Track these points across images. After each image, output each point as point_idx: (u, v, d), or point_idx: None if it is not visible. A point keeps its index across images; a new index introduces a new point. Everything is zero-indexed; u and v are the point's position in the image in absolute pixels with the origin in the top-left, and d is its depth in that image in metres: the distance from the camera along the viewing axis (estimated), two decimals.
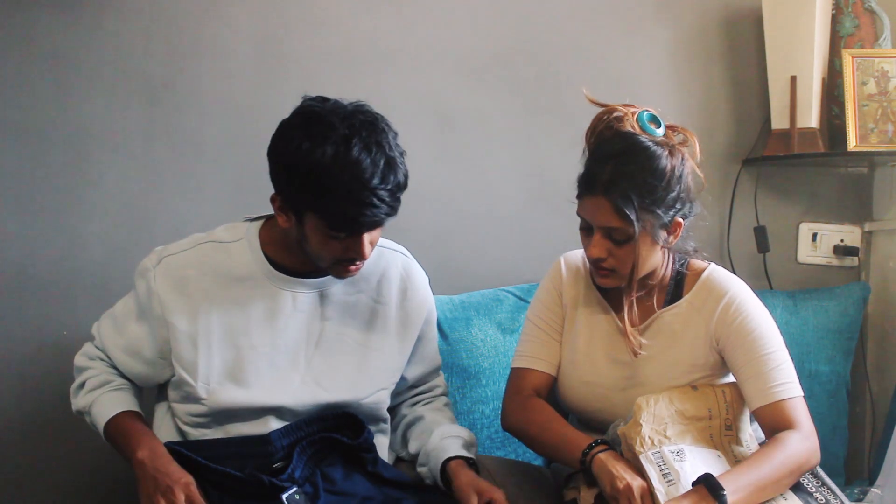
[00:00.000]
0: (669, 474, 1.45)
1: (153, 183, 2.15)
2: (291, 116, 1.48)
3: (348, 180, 1.38)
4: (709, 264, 1.66)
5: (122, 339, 1.62)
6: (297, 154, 1.41)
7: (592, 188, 1.51)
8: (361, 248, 1.47)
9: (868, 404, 2.27)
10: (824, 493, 1.52)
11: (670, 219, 1.53)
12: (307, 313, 1.60)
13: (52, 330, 2.12)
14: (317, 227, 1.46)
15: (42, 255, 2.10)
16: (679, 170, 1.53)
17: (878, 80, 2.14)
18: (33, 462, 2.12)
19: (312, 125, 1.42)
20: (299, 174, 1.41)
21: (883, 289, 2.25)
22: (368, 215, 1.41)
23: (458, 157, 2.26)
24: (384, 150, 1.42)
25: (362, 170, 1.39)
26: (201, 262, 1.58)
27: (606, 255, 1.54)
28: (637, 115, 1.55)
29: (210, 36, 2.16)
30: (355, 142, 1.39)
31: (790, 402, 1.53)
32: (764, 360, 1.55)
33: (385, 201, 1.41)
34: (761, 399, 1.53)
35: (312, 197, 1.42)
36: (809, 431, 1.52)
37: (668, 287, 1.64)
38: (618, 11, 2.30)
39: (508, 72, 2.27)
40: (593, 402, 1.64)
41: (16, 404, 2.11)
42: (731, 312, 1.58)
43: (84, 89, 2.11)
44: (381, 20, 2.22)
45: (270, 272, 1.59)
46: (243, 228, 1.63)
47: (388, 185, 1.41)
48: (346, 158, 1.38)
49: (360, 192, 1.39)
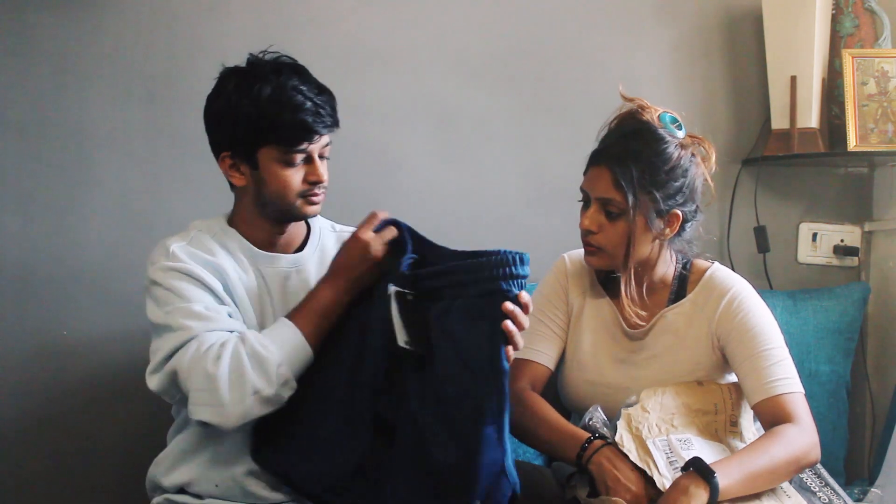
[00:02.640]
0: (676, 462, 1.46)
1: (153, 183, 2.15)
2: (217, 82, 1.61)
3: (290, 98, 1.53)
4: (712, 264, 1.67)
5: (198, 311, 1.48)
6: (238, 101, 1.54)
7: (598, 160, 1.57)
8: (318, 170, 1.57)
9: (868, 404, 2.27)
10: (827, 493, 1.52)
11: (668, 208, 1.56)
12: (292, 291, 1.62)
13: (52, 330, 2.12)
14: (274, 159, 1.55)
15: (42, 255, 2.10)
16: (686, 164, 1.57)
17: (878, 80, 2.14)
18: (33, 461, 2.12)
19: (242, 76, 1.57)
20: (245, 115, 1.53)
21: (883, 289, 2.25)
22: (318, 121, 1.54)
23: (457, 157, 2.26)
24: (311, 78, 1.58)
25: (301, 90, 1.54)
26: (206, 245, 1.60)
27: (597, 228, 1.57)
28: (660, 114, 1.61)
29: (210, 36, 2.16)
30: (288, 75, 1.56)
31: (789, 396, 1.53)
32: (764, 356, 1.55)
33: (326, 110, 1.56)
34: (760, 393, 1.54)
35: (262, 126, 1.53)
36: (809, 426, 1.52)
37: (671, 287, 1.65)
38: (618, 11, 2.30)
39: (508, 72, 2.27)
40: (597, 402, 1.64)
41: (16, 404, 2.11)
42: (733, 309, 1.59)
43: (84, 89, 2.11)
44: (380, 20, 2.22)
45: (253, 251, 1.62)
46: (213, 222, 1.67)
47: (324, 95, 1.57)
48: (284, 86, 1.54)
49: (304, 104, 1.53)
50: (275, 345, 1.46)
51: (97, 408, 2.11)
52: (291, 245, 1.68)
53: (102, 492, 2.10)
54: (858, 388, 2.24)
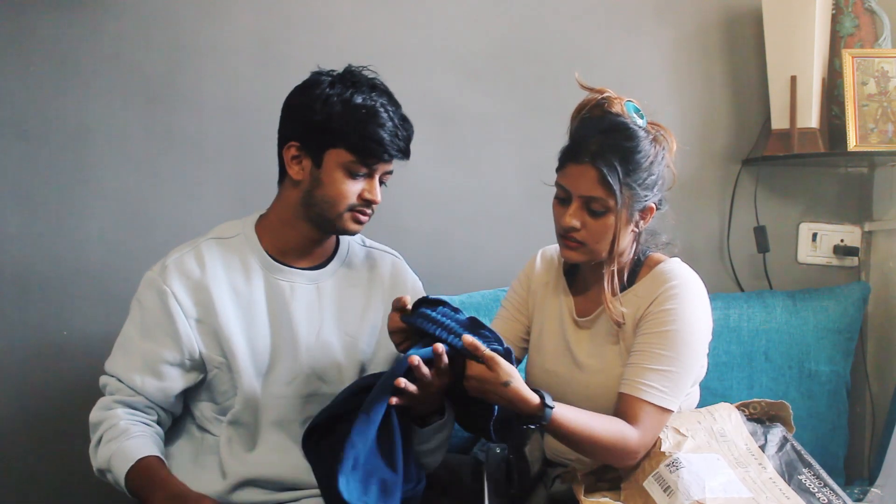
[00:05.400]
0: (671, 488, 1.46)
1: (153, 183, 2.15)
2: (309, 79, 1.62)
3: (377, 113, 1.56)
4: (670, 258, 1.66)
5: (138, 357, 1.59)
6: (328, 96, 1.56)
7: (579, 157, 1.55)
8: (375, 189, 1.60)
9: (868, 404, 2.26)
10: (827, 494, 1.52)
11: (646, 201, 1.58)
12: (306, 305, 1.63)
13: (52, 330, 2.12)
14: (340, 164, 1.56)
15: (42, 255, 2.10)
16: (660, 156, 1.59)
17: (878, 80, 2.14)
18: (33, 461, 2.12)
19: (339, 79, 1.60)
20: (329, 112, 1.55)
21: (883, 289, 2.25)
22: (394, 142, 1.57)
23: (458, 157, 2.27)
24: (400, 106, 1.63)
25: (389, 110, 1.58)
26: (204, 259, 1.61)
27: (580, 225, 1.57)
28: (625, 103, 1.61)
29: (210, 36, 2.16)
30: (381, 94, 1.60)
31: (647, 406, 1.52)
32: (653, 357, 1.54)
33: (403, 136, 1.59)
34: (627, 387, 1.54)
35: (343, 127, 1.55)
36: (645, 439, 1.51)
37: (622, 276, 1.65)
38: (618, 11, 2.30)
39: (508, 72, 2.27)
40: (554, 389, 1.61)
41: (16, 404, 2.11)
42: (662, 300, 1.57)
43: (84, 89, 2.12)
44: (381, 20, 2.22)
45: (269, 262, 1.63)
46: (240, 224, 1.67)
47: (407, 125, 1.61)
48: (374, 101, 1.57)
49: (387, 123, 1.57)
50: (115, 460, 1.54)
51: None
52: (319, 257, 1.68)
53: (102, 492, 2.09)
54: (858, 388, 2.24)
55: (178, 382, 1.60)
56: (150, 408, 1.61)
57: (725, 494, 1.45)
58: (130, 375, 1.59)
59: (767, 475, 1.52)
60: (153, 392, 1.59)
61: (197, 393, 1.64)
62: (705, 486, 1.45)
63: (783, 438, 1.61)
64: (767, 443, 1.59)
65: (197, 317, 1.58)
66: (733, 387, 2.09)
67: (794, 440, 1.61)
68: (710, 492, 1.44)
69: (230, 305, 1.59)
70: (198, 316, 1.58)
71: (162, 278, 1.58)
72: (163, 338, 1.58)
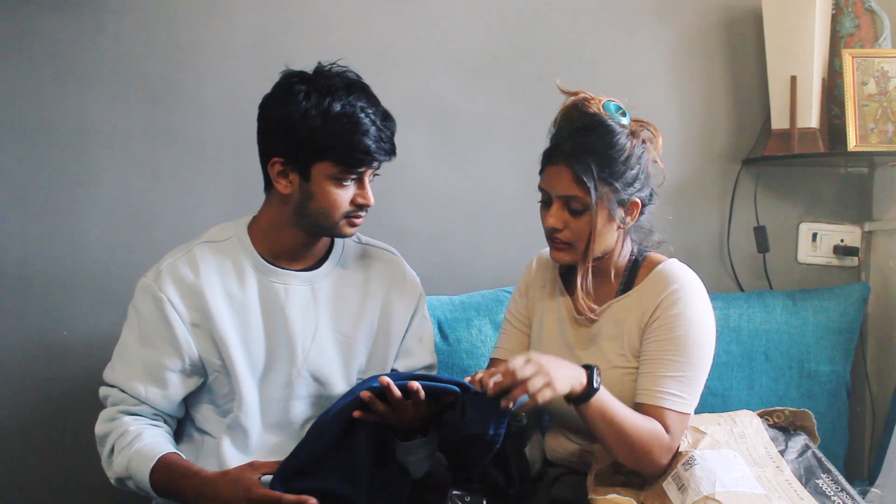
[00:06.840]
0: (684, 485, 1.47)
1: (153, 183, 2.15)
2: (281, 86, 1.57)
3: (358, 121, 1.53)
4: (668, 258, 1.66)
5: (139, 366, 1.59)
6: (305, 111, 1.52)
7: (554, 158, 1.59)
8: (368, 194, 1.58)
9: (868, 404, 2.26)
10: (843, 498, 1.50)
11: (628, 196, 1.58)
12: (301, 306, 1.62)
13: (52, 330, 2.12)
14: (328, 176, 1.54)
15: (42, 255, 2.10)
16: (638, 151, 1.59)
17: (878, 80, 2.14)
18: (33, 461, 2.12)
19: (312, 86, 1.55)
20: (311, 127, 1.52)
21: (883, 289, 2.25)
22: (380, 147, 1.55)
23: (457, 157, 2.27)
24: (378, 101, 1.59)
25: (368, 112, 1.55)
26: (197, 263, 1.60)
27: (563, 225, 1.58)
28: (603, 103, 1.61)
29: (210, 36, 2.16)
30: (357, 94, 1.56)
31: (669, 413, 1.53)
32: (667, 364, 1.54)
33: (389, 139, 1.58)
34: (646, 397, 1.54)
35: (327, 141, 1.52)
36: (674, 444, 1.52)
37: (622, 277, 1.65)
38: (618, 11, 2.30)
39: (508, 72, 2.27)
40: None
41: (16, 404, 2.11)
42: (667, 305, 1.57)
43: (84, 89, 2.12)
44: (381, 20, 2.23)
45: (263, 265, 1.62)
46: (232, 227, 1.67)
47: (388, 122, 1.58)
48: (353, 106, 1.54)
49: (370, 129, 1.54)
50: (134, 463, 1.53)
51: (97, 408, 2.10)
52: (313, 258, 1.68)
53: (102, 492, 2.10)
54: (858, 388, 2.24)
55: (181, 388, 1.60)
56: (156, 415, 1.61)
57: (737, 488, 1.44)
58: (133, 385, 1.58)
59: (784, 477, 1.51)
60: (157, 400, 1.59)
61: (198, 396, 1.64)
62: (717, 480, 1.44)
63: (805, 446, 1.60)
64: (788, 448, 1.58)
65: (193, 321, 1.58)
66: (733, 387, 2.09)
67: (816, 449, 1.60)
68: (721, 486, 1.43)
69: (225, 309, 1.59)
70: (194, 321, 1.58)
71: (157, 284, 1.58)
72: (162, 345, 1.58)
